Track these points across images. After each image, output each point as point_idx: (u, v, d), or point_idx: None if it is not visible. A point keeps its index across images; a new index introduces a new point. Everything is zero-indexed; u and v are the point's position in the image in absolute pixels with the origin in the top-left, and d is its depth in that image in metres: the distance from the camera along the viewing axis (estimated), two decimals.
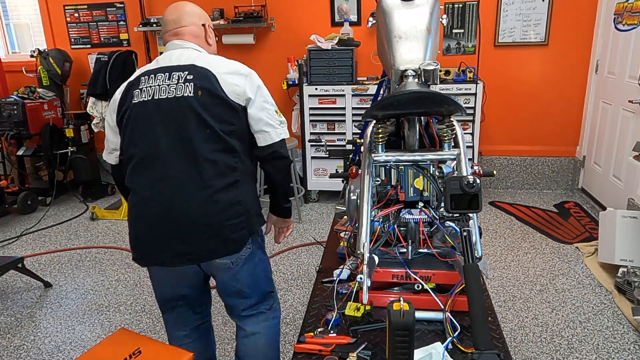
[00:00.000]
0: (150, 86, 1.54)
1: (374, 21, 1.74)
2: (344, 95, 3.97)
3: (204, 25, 1.69)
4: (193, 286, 1.73)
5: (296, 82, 4.12)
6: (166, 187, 1.51)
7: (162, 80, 1.53)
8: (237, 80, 1.55)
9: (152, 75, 1.55)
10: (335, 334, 1.35)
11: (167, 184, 1.51)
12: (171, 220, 1.52)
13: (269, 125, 1.59)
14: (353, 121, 3.99)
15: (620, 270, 2.70)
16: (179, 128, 1.50)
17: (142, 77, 1.57)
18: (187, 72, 1.52)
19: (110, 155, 1.69)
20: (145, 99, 1.53)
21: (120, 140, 1.62)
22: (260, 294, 1.74)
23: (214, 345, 1.98)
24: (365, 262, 1.25)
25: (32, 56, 4.57)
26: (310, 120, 4.09)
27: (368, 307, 1.40)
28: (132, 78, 1.60)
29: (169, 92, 1.51)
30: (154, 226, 1.54)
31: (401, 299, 1.14)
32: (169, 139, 1.51)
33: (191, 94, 1.50)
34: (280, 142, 1.62)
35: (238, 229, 1.55)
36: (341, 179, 2.32)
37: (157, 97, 1.52)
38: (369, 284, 1.22)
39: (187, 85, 1.51)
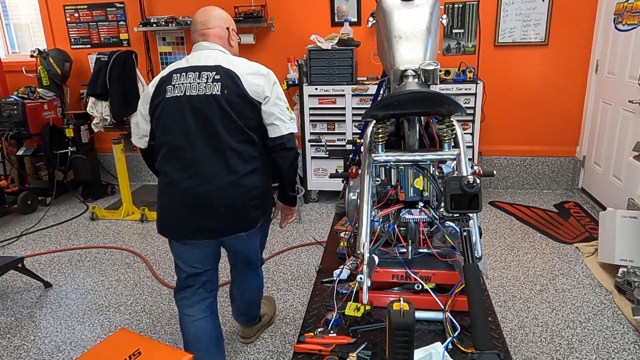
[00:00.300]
0: (182, 83, 1.75)
1: (374, 21, 1.75)
2: (344, 95, 3.96)
3: (227, 28, 1.90)
4: (211, 262, 1.96)
5: (296, 82, 4.12)
6: (196, 171, 1.74)
7: (193, 79, 1.74)
8: (258, 80, 1.76)
9: (184, 73, 1.76)
10: (335, 334, 1.35)
11: (197, 168, 1.74)
12: (200, 200, 1.75)
13: (280, 119, 1.79)
14: (353, 121, 3.99)
15: (620, 270, 2.70)
16: (208, 122, 1.72)
17: (174, 74, 1.77)
18: (214, 73, 1.73)
19: (140, 140, 1.93)
20: (178, 95, 1.75)
21: (150, 127, 1.85)
22: (260, 257, 2.12)
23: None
24: (365, 262, 1.25)
25: (32, 56, 4.57)
26: (310, 120, 4.09)
27: (368, 307, 1.40)
28: (164, 74, 1.81)
29: (199, 90, 1.73)
30: (184, 204, 1.77)
31: (401, 299, 1.14)
32: (199, 131, 1.73)
33: (218, 93, 1.71)
34: (289, 135, 1.82)
35: (255, 209, 1.82)
36: (341, 179, 2.32)
37: (188, 94, 1.73)
38: (369, 284, 1.22)
39: (215, 85, 1.72)
